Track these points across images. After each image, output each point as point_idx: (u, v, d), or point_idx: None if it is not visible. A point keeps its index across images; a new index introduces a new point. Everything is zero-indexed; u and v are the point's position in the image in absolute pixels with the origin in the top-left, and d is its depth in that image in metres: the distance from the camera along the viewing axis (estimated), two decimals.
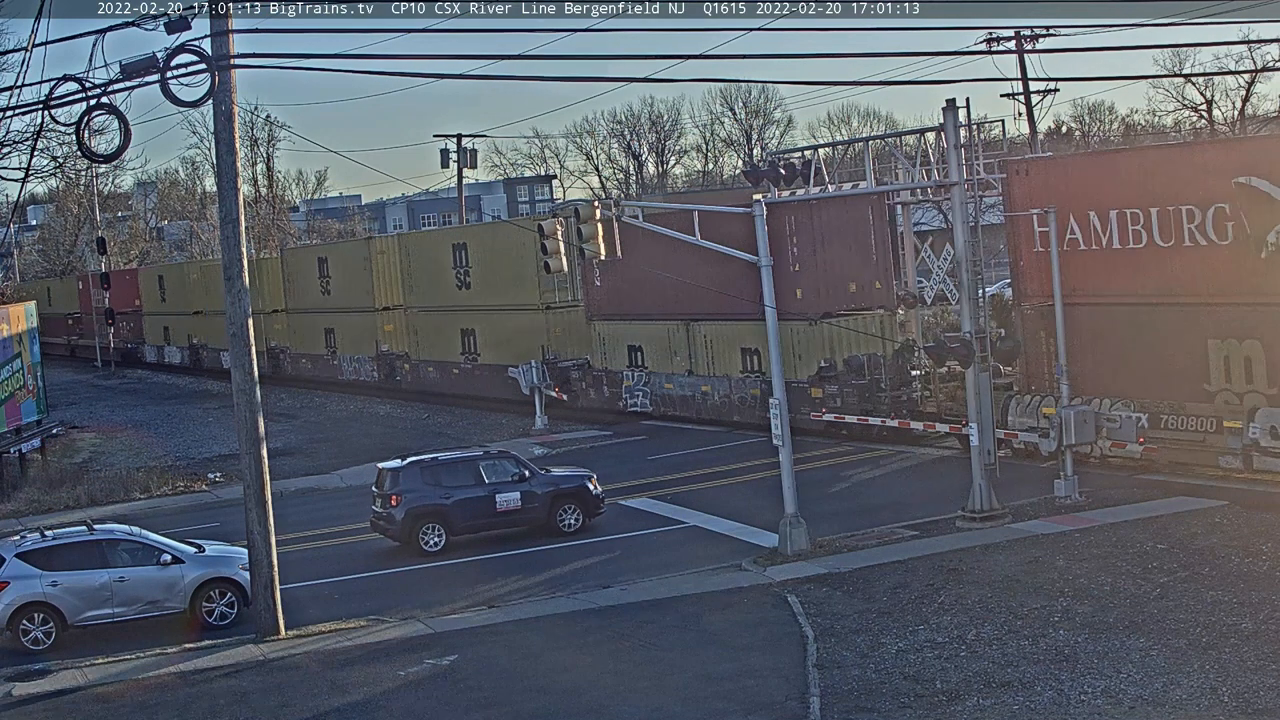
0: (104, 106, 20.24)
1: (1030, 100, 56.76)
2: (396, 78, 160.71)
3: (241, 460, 23.11)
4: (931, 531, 25.42)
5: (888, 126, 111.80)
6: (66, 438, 48.36)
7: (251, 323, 22.94)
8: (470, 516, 28.14)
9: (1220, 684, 16.39)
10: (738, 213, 28.51)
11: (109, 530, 24.87)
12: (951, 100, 25.55)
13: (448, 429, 46.16)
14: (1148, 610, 19.47)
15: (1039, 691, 16.77)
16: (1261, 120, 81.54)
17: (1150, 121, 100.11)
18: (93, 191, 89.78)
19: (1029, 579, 21.55)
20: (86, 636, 23.18)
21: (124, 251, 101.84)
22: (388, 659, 20.59)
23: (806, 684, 17.85)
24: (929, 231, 38.42)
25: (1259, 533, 22.77)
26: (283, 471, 37.89)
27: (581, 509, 28.72)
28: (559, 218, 27.72)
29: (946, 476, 29.20)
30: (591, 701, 18.05)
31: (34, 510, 35.92)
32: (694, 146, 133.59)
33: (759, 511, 27.54)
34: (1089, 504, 26.10)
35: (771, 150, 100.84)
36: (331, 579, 26.93)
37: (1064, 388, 27.33)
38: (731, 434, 38.79)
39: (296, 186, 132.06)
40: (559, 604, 23.04)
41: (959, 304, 26.12)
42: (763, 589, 22.89)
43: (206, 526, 30.86)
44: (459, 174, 71.20)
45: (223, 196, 23.03)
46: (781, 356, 26.29)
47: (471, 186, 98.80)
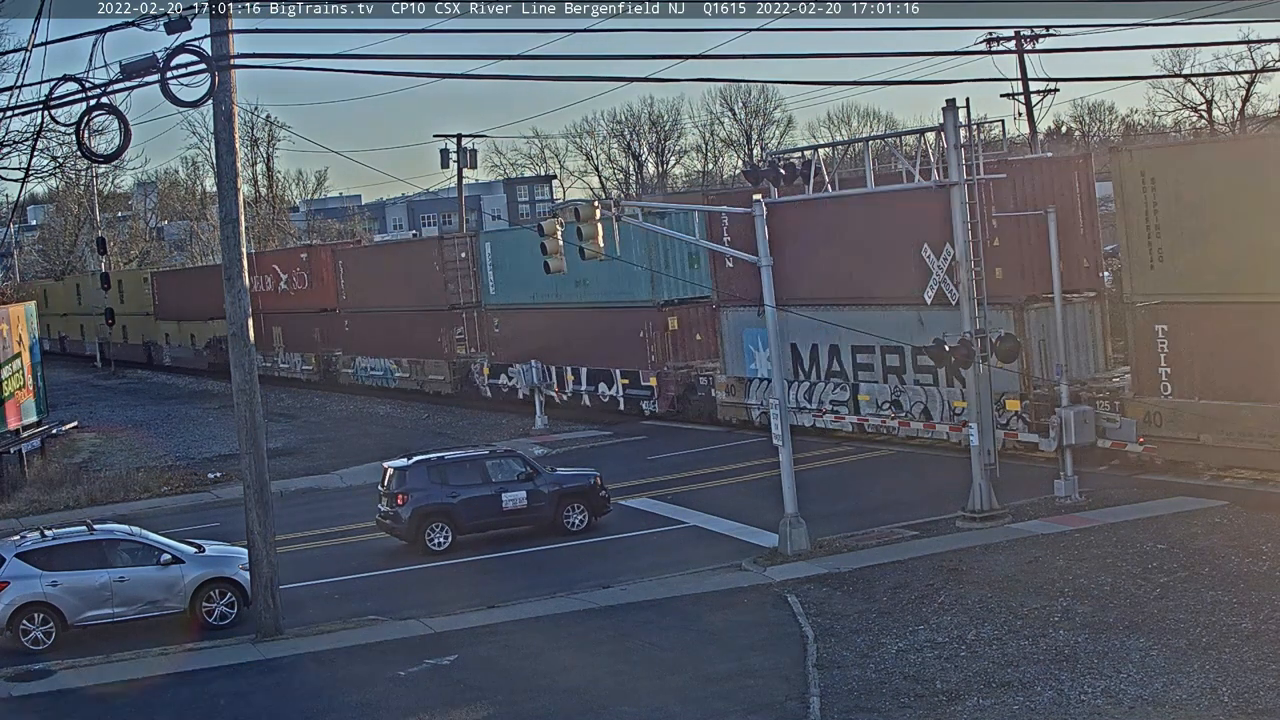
0: (104, 106, 20.25)
1: (1030, 100, 56.75)
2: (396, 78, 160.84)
3: (241, 460, 23.12)
4: (931, 531, 25.42)
5: (888, 126, 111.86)
6: (66, 438, 48.34)
7: (251, 323, 22.97)
8: (476, 516, 28.16)
9: (1220, 684, 16.39)
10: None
11: (109, 530, 24.87)
12: (951, 100, 25.54)
13: (447, 429, 46.17)
14: (1148, 610, 19.47)
15: (1039, 691, 16.77)
16: (1261, 120, 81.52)
17: (1150, 121, 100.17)
18: (93, 191, 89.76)
19: (1029, 579, 21.56)
20: (86, 636, 23.17)
21: (124, 251, 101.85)
22: (388, 659, 20.59)
23: (806, 684, 17.86)
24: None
25: (1259, 533, 22.77)
26: (283, 471, 37.92)
27: (588, 508, 28.74)
28: (559, 218, 27.74)
29: (946, 476, 29.18)
30: (592, 701, 18.05)
31: (34, 510, 35.92)
32: (694, 146, 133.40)
33: (759, 511, 27.54)
34: (1089, 504, 26.10)
35: (771, 150, 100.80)
36: (332, 579, 26.94)
37: (1063, 387, 27.31)
38: (731, 434, 38.78)
39: (296, 186, 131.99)
40: (559, 604, 23.05)
41: (957, 304, 26.12)
42: (763, 589, 22.90)
43: (206, 526, 30.87)
44: (459, 174, 71.18)
45: (223, 196, 23.04)
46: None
47: (471, 186, 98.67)
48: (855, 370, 35.31)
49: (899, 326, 32.63)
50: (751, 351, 38.24)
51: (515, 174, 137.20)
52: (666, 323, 41.38)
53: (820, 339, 35.57)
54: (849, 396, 35.46)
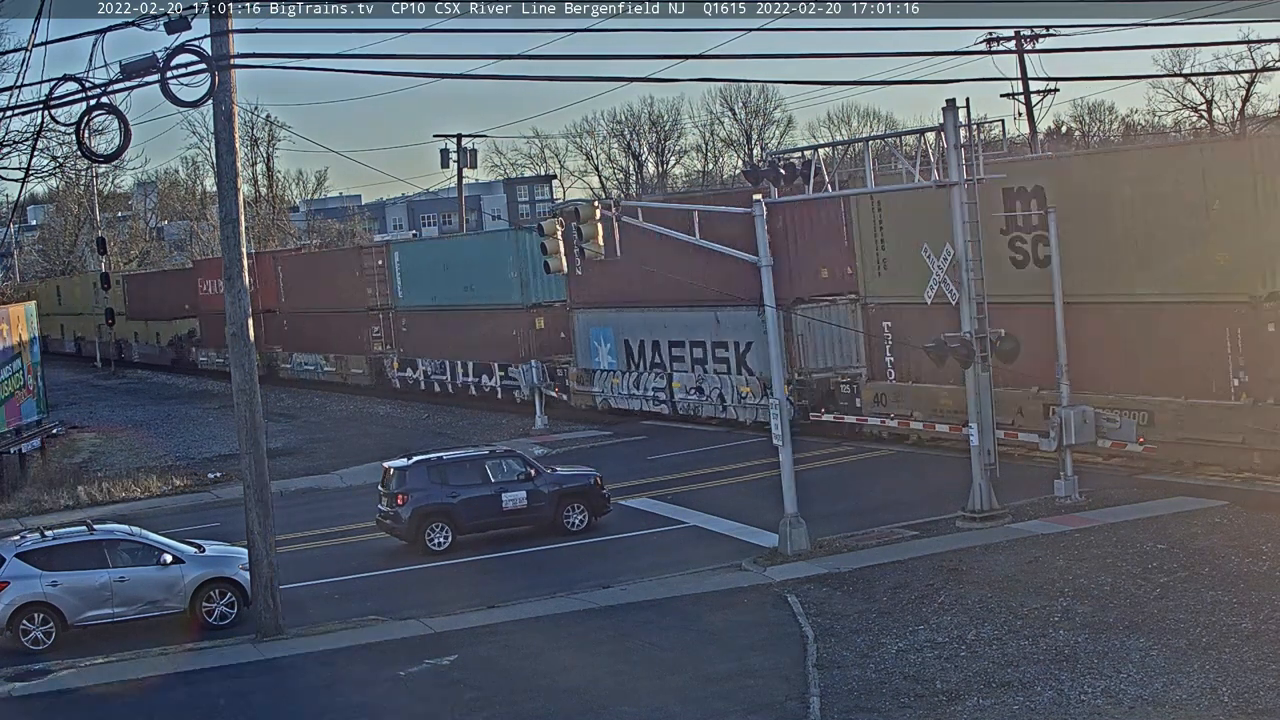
0: (104, 106, 20.25)
1: (1030, 100, 56.83)
2: (396, 78, 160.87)
3: (241, 460, 23.12)
4: (931, 531, 25.42)
5: (888, 126, 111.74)
6: (66, 438, 48.36)
7: (251, 323, 22.98)
8: (476, 515, 28.16)
9: (1220, 684, 16.38)
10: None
11: (109, 530, 24.86)
12: (951, 100, 25.54)
13: (447, 429, 46.17)
14: (1148, 610, 19.47)
15: (1039, 691, 16.77)
16: (1262, 120, 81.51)
17: (1150, 121, 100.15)
18: (93, 191, 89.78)
19: (1029, 579, 21.55)
20: (86, 636, 23.18)
21: (124, 251, 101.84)
22: (388, 659, 20.59)
23: (806, 684, 17.85)
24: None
25: (1259, 533, 22.76)
26: (283, 471, 37.93)
27: (588, 508, 28.73)
28: (559, 218, 27.74)
29: (946, 476, 29.18)
30: (592, 701, 18.05)
31: (34, 510, 35.93)
32: (694, 146, 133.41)
33: (759, 511, 27.53)
34: (1089, 504, 26.09)
35: (771, 150, 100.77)
36: (332, 579, 26.94)
37: (1064, 387, 27.30)
38: (731, 434, 38.79)
39: (296, 186, 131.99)
40: (559, 604, 23.05)
41: (958, 304, 26.12)
42: (763, 589, 22.90)
43: (206, 526, 30.87)
44: (459, 174, 71.21)
45: (223, 196, 23.04)
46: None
47: (471, 186, 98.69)
48: (670, 362, 41.66)
49: (702, 325, 39.83)
50: (595, 347, 44.59)
51: (515, 174, 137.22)
52: (534, 322, 47.39)
53: (645, 335, 42.38)
54: (666, 384, 41.66)
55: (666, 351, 41.60)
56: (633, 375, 42.88)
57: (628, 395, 42.98)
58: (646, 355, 42.49)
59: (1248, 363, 26.44)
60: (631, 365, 42.86)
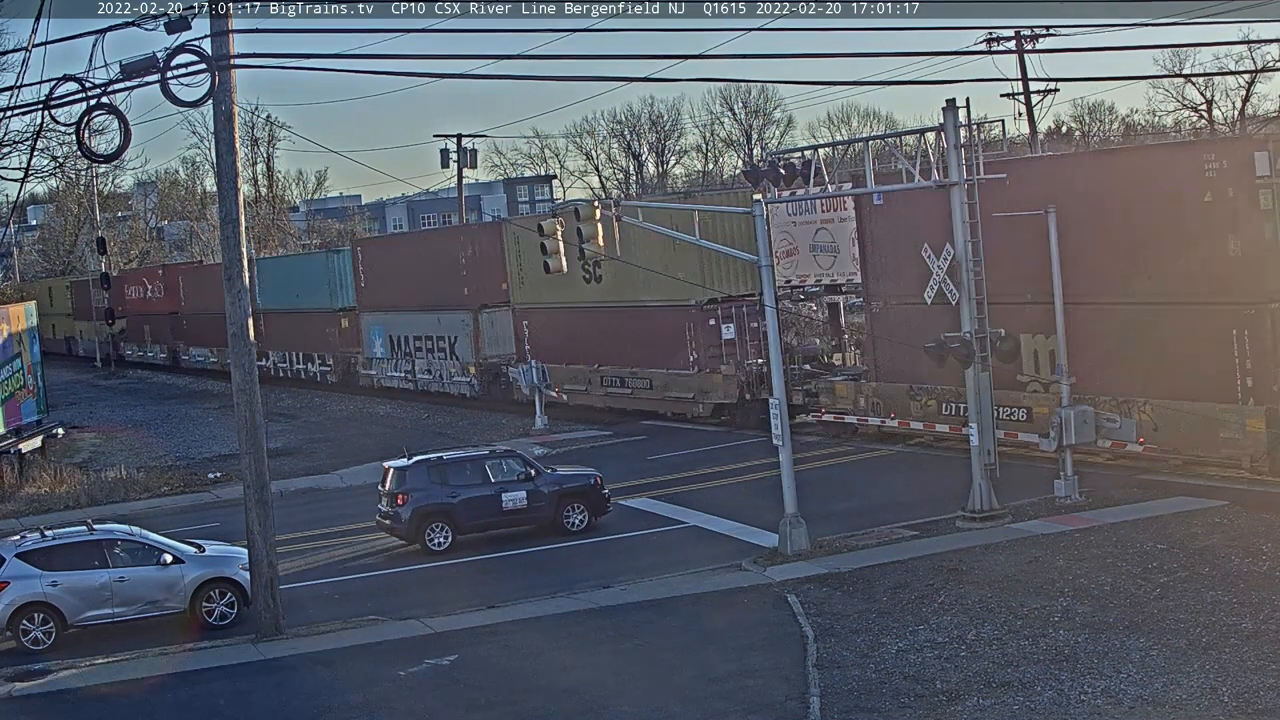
0: (104, 106, 20.24)
1: (1030, 100, 56.81)
2: (396, 78, 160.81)
3: (241, 460, 23.11)
4: (931, 531, 25.41)
5: (888, 126, 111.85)
6: (66, 438, 48.34)
7: (250, 323, 22.98)
8: (477, 515, 28.16)
9: (1220, 684, 16.38)
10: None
11: (109, 530, 24.84)
12: (951, 100, 25.53)
13: (447, 429, 46.17)
14: (1148, 610, 19.47)
15: (1039, 691, 16.77)
16: (1261, 120, 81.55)
17: (1150, 121, 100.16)
18: (93, 191, 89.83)
19: (1029, 579, 21.55)
20: (86, 636, 23.18)
21: (124, 251, 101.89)
22: (388, 659, 20.58)
23: (806, 684, 17.85)
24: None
25: (1259, 533, 22.77)
26: (283, 471, 37.93)
27: (588, 508, 28.73)
28: (559, 218, 27.75)
29: (946, 476, 29.20)
30: (592, 701, 18.05)
31: (34, 510, 35.92)
32: (694, 146, 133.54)
33: (759, 511, 27.53)
34: (1089, 504, 26.09)
35: (771, 150, 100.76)
36: (332, 579, 26.94)
37: (1064, 387, 27.31)
38: (731, 434, 38.80)
39: (296, 186, 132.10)
40: (559, 604, 23.04)
41: (958, 304, 26.12)
42: (763, 589, 22.89)
43: (206, 526, 30.88)
44: (459, 174, 71.19)
45: (223, 196, 23.04)
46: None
47: (471, 186, 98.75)
48: (414, 352, 54.83)
49: (430, 324, 53.18)
50: (372, 340, 57.96)
51: (515, 174, 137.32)
52: (340, 322, 60.11)
53: (404, 331, 55.47)
54: (412, 368, 54.78)
55: (413, 344, 54.78)
56: (393, 361, 56.16)
57: (391, 376, 56.36)
58: (404, 347, 55.58)
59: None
60: (395, 354, 56.12)
